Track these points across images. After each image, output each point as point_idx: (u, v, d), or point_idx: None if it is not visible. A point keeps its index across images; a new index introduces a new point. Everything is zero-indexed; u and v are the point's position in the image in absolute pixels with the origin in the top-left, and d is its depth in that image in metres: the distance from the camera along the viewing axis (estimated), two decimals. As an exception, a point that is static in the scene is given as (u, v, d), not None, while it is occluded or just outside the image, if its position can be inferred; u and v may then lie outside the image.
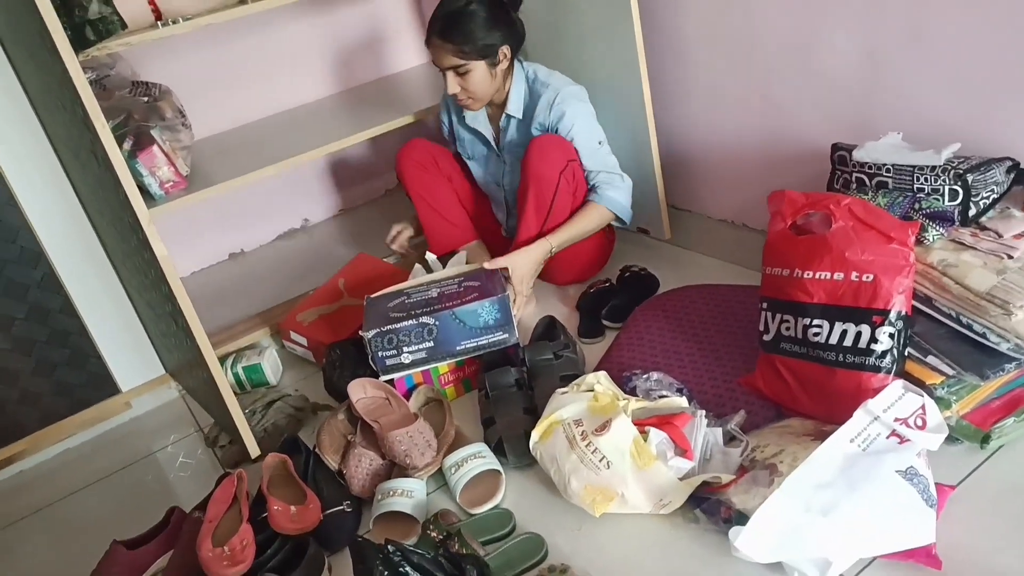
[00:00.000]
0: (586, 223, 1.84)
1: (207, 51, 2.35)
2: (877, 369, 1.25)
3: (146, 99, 2.02)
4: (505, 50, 1.79)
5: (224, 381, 1.54)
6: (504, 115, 1.89)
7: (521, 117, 1.88)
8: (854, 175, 1.43)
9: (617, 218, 1.88)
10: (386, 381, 1.64)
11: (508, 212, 2.05)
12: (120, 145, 1.40)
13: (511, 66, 1.85)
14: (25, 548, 1.62)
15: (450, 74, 1.80)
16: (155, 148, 1.84)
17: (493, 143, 1.97)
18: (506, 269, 1.77)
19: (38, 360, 1.84)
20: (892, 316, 1.24)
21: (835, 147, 1.48)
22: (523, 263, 1.79)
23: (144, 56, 2.21)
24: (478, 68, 1.77)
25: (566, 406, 1.38)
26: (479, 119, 1.95)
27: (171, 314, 1.55)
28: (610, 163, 1.87)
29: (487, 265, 1.78)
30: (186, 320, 1.46)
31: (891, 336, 1.24)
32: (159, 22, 1.77)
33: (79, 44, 1.54)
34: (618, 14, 1.74)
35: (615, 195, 1.84)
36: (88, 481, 1.77)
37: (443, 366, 1.67)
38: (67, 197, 1.79)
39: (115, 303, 1.91)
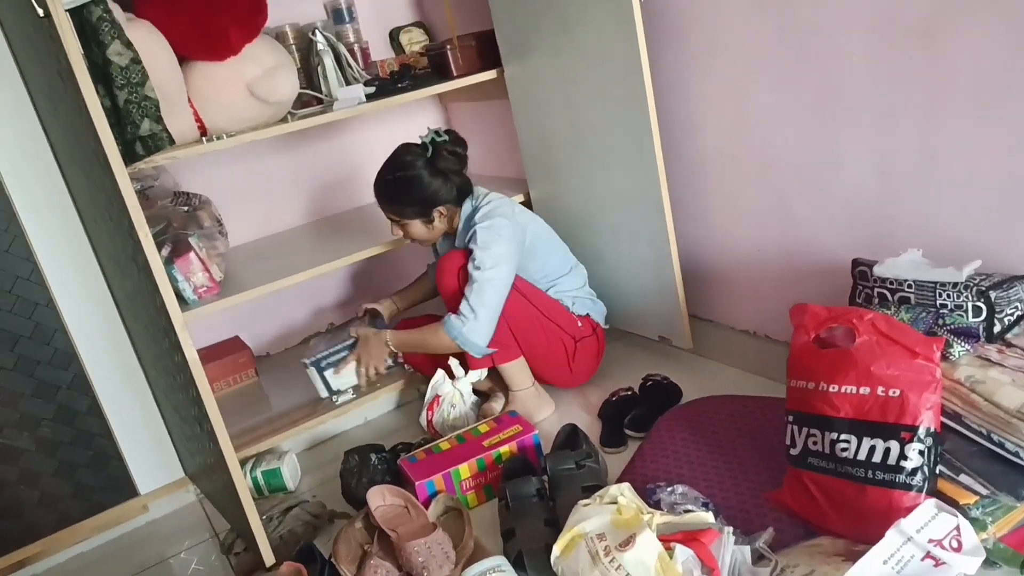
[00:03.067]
0: (420, 337, 1.93)
1: (245, 164, 2.47)
2: (908, 487, 1.22)
3: (186, 208, 2.11)
4: (441, 210, 1.92)
5: (244, 484, 1.53)
6: (458, 237, 1.99)
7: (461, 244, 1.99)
8: (876, 290, 1.45)
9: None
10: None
11: None
12: (159, 251, 1.46)
13: (459, 209, 1.96)
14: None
15: (391, 222, 1.96)
16: (191, 255, 1.91)
17: None
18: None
19: (61, 461, 1.85)
20: (921, 432, 1.22)
21: (855, 262, 1.50)
22: (366, 349, 1.99)
23: (186, 168, 2.34)
24: (414, 224, 1.93)
25: (589, 519, 1.35)
26: (442, 243, 2.09)
27: (196, 417, 1.56)
28: (487, 294, 1.81)
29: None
30: (211, 423, 1.47)
31: (921, 453, 1.22)
32: (204, 138, 1.88)
33: (129, 158, 1.64)
34: (639, 133, 1.82)
35: (463, 330, 1.82)
36: (101, 587, 1.74)
37: (464, 469, 1.66)
38: (104, 302, 1.85)
39: (141, 405, 1.93)
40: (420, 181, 1.87)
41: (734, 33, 1.68)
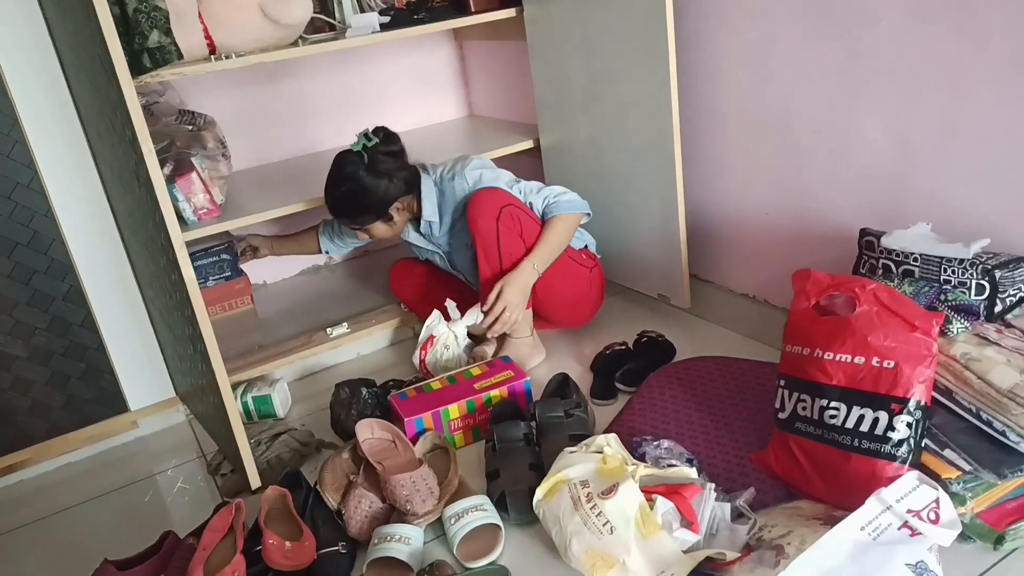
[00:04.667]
0: (552, 235, 1.87)
1: (253, 88, 2.43)
2: (892, 458, 1.22)
3: (190, 128, 2.08)
4: (398, 205, 1.91)
5: (234, 408, 1.54)
6: (424, 222, 1.98)
7: (439, 219, 1.97)
8: (881, 261, 1.44)
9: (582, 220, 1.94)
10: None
11: (473, 286, 2.08)
12: (160, 169, 1.44)
13: (415, 195, 1.94)
14: (18, 558, 1.60)
15: (354, 230, 1.97)
16: (193, 175, 1.89)
17: (427, 246, 2.05)
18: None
19: (53, 371, 1.85)
20: (911, 405, 1.22)
21: (863, 232, 1.49)
22: (515, 291, 1.84)
23: (193, 87, 2.29)
24: (377, 226, 1.93)
25: (574, 465, 1.36)
26: (409, 233, 2.05)
27: (190, 337, 1.56)
28: (536, 187, 1.91)
29: (483, 309, 1.87)
30: (204, 343, 1.47)
31: (909, 425, 1.22)
32: (212, 56, 1.84)
33: (136, 70, 1.61)
34: (657, 84, 1.78)
35: (562, 200, 1.89)
36: (87, 497, 1.76)
37: (454, 409, 1.67)
38: (103, 216, 1.83)
39: (136, 322, 1.93)
40: (366, 190, 1.85)
41: (763, -11, 1.64)
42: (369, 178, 1.85)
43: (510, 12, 2.17)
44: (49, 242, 1.78)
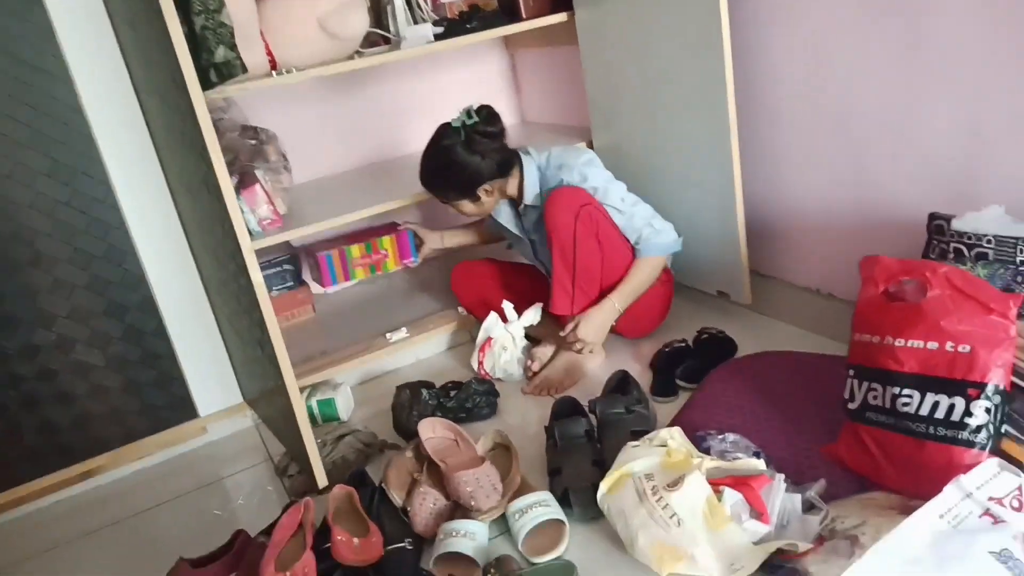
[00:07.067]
0: (640, 276, 1.88)
1: (312, 102, 2.50)
2: (971, 444, 1.18)
3: (253, 142, 2.15)
4: (486, 187, 1.91)
5: (302, 408, 1.57)
6: (523, 206, 1.98)
7: (539, 204, 1.95)
8: (951, 245, 1.39)
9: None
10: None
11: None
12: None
13: (520, 171, 1.95)
14: (97, 559, 1.66)
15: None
16: (257, 187, 1.95)
17: (518, 231, 2.05)
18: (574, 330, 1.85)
19: (128, 379, 1.93)
20: (989, 390, 1.18)
21: (932, 216, 1.45)
22: (591, 332, 1.86)
23: (255, 103, 2.37)
24: (463, 203, 1.96)
25: (638, 459, 1.35)
26: (501, 213, 2.06)
27: (259, 341, 1.60)
28: (642, 214, 1.92)
29: (561, 334, 1.87)
30: (273, 347, 1.51)
31: (987, 411, 1.18)
32: (274, 71, 1.90)
33: (203, 85, 1.66)
34: (712, 79, 1.77)
35: (658, 241, 1.89)
36: (160, 500, 1.82)
37: (355, 249, 1.81)
38: (173, 227, 1.90)
39: (204, 330, 1.99)
40: (458, 166, 1.87)
41: (817, -24, 1.62)
42: (463, 155, 1.86)
43: (561, 16, 2.19)
44: (123, 254, 1.86)
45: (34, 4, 1.67)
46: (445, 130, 1.90)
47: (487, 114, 1.89)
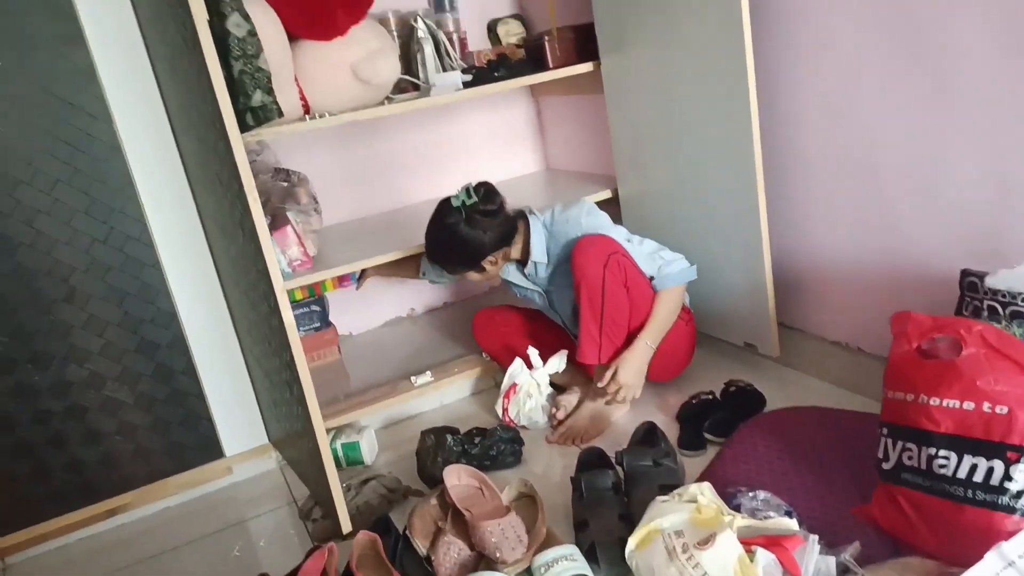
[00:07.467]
0: (663, 310, 1.90)
1: (343, 147, 2.54)
2: (1012, 510, 1.15)
3: (285, 184, 2.19)
4: (490, 258, 1.93)
5: (328, 451, 1.57)
6: (531, 263, 2.00)
7: (547, 260, 1.98)
8: (986, 303, 1.38)
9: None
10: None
11: (570, 329, 2.08)
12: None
13: (525, 231, 1.98)
14: (117, 599, 1.65)
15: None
16: (288, 229, 1.98)
17: (529, 286, 2.07)
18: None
19: (156, 417, 1.94)
20: (1030, 454, 1.15)
21: (964, 273, 1.44)
22: (631, 374, 1.85)
23: (287, 146, 2.42)
24: (469, 274, 1.98)
25: (667, 515, 1.33)
26: (509, 272, 2.07)
27: (287, 381, 1.61)
28: (649, 250, 1.94)
29: (599, 385, 1.86)
30: (301, 387, 1.52)
31: (1028, 476, 1.15)
32: (307, 116, 1.94)
33: (240, 127, 1.70)
34: (738, 130, 1.78)
35: (671, 271, 1.91)
36: (183, 541, 1.81)
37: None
38: (206, 267, 1.93)
39: (233, 370, 2.00)
40: (461, 243, 1.89)
41: (844, 27, 1.63)
42: (465, 232, 1.88)
43: (587, 66, 2.22)
44: (156, 292, 1.88)
45: (76, 43, 1.72)
46: (446, 207, 1.91)
47: (485, 192, 1.91)
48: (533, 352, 2.00)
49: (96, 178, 1.79)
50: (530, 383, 1.99)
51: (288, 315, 1.48)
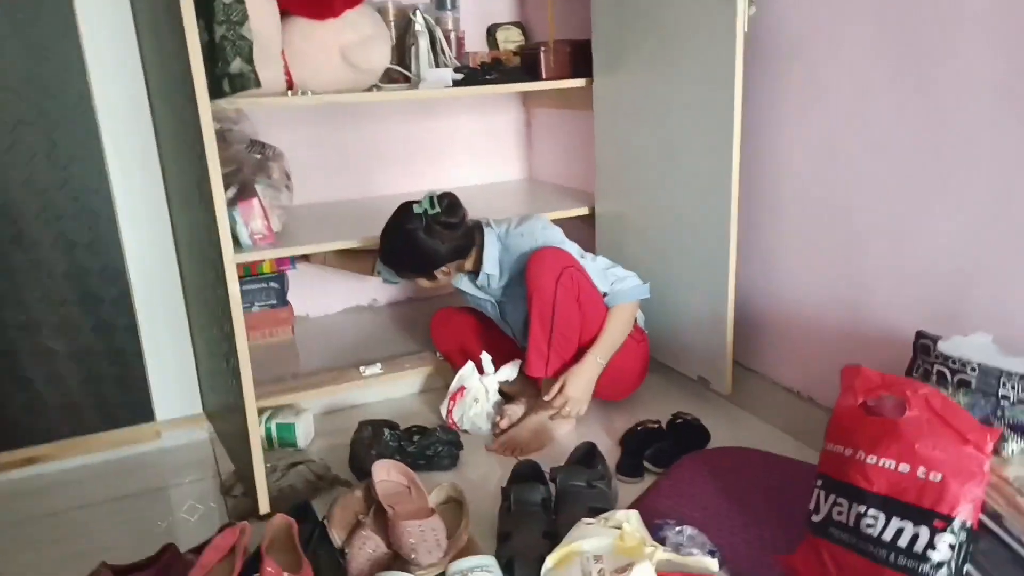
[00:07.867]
0: (615, 327, 1.88)
1: (324, 128, 2.51)
2: (930, 579, 1.14)
3: (259, 157, 2.15)
4: (443, 268, 1.92)
5: (256, 428, 1.53)
6: (482, 274, 1.97)
7: (499, 272, 1.96)
8: (935, 367, 1.37)
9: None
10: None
11: (520, 341, 2.05)
12: (225, 191, 1.48)
13: (480, 243, 1.95)
14: (20, 550, 1.59)
15: None
16: (255, 201, 1.94)
17: (481, 295, 2.05)
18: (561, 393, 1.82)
19: (89, 371, 1.88)
20: (956, 525, 1.14)
21: (919, 334, 1.43)
22: (578, 389, 1.82)
23: (268, 120, 2.38)
24: (419, 280, 1.97)
25: (589, 538, 1.31)
26: (462, 282, 2.05)
27: (225, 353, 1.57)
28: (603, 265, 1.93)
29: (546, 398, 1.84)
30: (238, 359, 1.48)
31: (951, 546, 1.14)
32: (289, 91, 1.91)
33: (215, 93, 1.67)
34: (718, 164, 1.77)
35: (624, 287, 1.91)
36: (98, 500, 1.76)
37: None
38: (163, 228, 1.88)
39: (176, 334, 1.95)
40: (416, 250, 1.87)
41: (837, 76, 1.63)
42: (423, 240, 1.85)
43: (580, 82, 2.22)
44: (107, 246, 1.83)
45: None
46: (407, 212, 1.88)
47: (448, 203, 1.88)
48: (486, 357, 1.98)
49: (61, 124, 1.74)
50: (479, 388, 1.96)
51: (234, 286, 1.44)
